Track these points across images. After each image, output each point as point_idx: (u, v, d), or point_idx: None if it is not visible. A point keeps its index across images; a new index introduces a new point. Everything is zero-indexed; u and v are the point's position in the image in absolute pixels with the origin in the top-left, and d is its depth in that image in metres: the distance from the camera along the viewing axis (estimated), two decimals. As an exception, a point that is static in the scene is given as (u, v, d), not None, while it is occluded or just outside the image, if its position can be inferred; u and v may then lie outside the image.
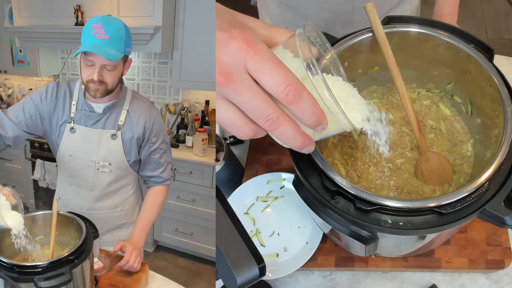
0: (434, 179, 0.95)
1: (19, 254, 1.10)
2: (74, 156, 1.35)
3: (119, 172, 1.37)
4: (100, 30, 1.19)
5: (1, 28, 3.02)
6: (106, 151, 1.33)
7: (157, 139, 1.37)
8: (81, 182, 1.37)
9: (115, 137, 1.32)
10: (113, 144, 1.33)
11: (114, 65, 1.23)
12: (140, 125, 1.33)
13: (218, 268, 0.73)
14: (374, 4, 0.94)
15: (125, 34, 1.25)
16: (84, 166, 1.35)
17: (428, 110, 1.06)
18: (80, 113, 1.32)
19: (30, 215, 1.14)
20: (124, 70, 1.30)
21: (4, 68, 3.20)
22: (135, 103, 1.35)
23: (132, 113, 1.33)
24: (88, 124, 1.32)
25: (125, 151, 1.34)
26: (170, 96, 2.92)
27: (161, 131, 1.38)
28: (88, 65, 1.22)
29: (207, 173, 2.48)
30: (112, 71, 1.24)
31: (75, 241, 1.03)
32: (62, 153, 1.36)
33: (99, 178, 1.36)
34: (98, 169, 1.34)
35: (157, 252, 2.77)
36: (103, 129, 1.32)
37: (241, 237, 0.72)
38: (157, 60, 2.88)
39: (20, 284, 0.92)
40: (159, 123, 1.38)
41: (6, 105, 3.28)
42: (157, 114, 1.39)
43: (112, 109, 1.32)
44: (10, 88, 3.40)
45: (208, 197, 2.51)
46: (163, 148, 1.39)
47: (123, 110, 1.33)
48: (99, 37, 1.19)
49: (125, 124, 1.32)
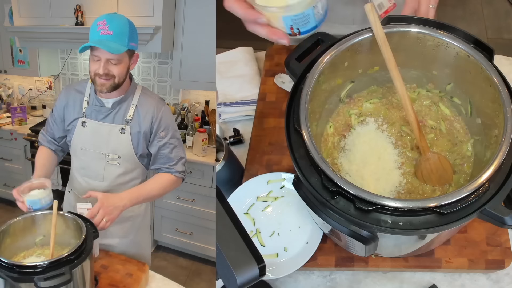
0: (434, 179, 0.95)
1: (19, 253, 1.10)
2: (85, 149, 1.41)
3: (128, 164, 1.41)
4: (104, 26, 1.26)
5: (1, 28, 3.02)
6: (115, 144, 1.38)
7: (166, 133, 1.40)
8: (92, 174, 1.42)
9: (124, 131, 1.37)
10: (122, 138, 1.37)
11: (118, 59, 1.28)
12: (147, 119, 1.37)
13: (218, 268, 0.73)
14: (374, 5, 0.94)
15: (129, 29, 1.30)
16: (95, 159, 1.40)
17: (428, 110, 1.06)
18: (91, 108, 1.39)
19: (30, 215, 1.14)
20: (131, 65, 1.35)
21: (4, 68, 3.20)
22: (143, 99, 1.39)
23: (140, 108, 1.38)
24: (98, 118, 1.38)
25: (133, 145, 1.38)
26: (170, 96, 2.92)
27: (170, 126, 1.41)
28: (94, 60, 1.29)
29: (207, 173, 2.48)
30: (117, 65, 1.29)
31: (75, 241, 1.03)
32: (75, 146, 1.43)
33: (109, 170, 1.40)
34: (108, 161, 1.39)
35: (157, 252, 2.77)
36: (113, 123, 1.38)
37: (241, 237, 0.72)
38: (157, 60, 2.88)
39: (20, 284, 0.92)
40: (167, 118, 1.41)
41: (6, 105, 3.28)
42: (166, 110, 1.41)
43: (121, 104, 1.37)
44: (10, 88, 3.40)
45: (208, 197, 2.51)
46: (173, 143, 1.41)
47: (132, 105, 1.38)
48: (103, 32, 1.26)
49: (133, 119, 1.37)
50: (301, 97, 0.91)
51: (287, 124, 0.92)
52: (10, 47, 3.11)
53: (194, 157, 2.51)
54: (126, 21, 1.30)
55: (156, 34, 2.48)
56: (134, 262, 1.27)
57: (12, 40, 3.06)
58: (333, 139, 1.04)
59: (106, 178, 1.41)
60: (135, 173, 1.44)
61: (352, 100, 1.09)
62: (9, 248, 1.08)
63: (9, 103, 3.30)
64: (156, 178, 1.41)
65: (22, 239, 1.13)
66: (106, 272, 1.22)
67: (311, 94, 0.92)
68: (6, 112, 3.20)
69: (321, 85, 0.97)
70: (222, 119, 1.47)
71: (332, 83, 1.02)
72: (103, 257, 1.27)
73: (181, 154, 1.44)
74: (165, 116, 1.40)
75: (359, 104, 1.09)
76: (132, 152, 1.39)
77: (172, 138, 1.41)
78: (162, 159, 1.41)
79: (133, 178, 1.44)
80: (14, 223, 1.11)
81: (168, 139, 1.40)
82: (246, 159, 1.30)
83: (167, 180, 1.41)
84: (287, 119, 0.92)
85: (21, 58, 3.11)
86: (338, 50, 0.95)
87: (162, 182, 1.41)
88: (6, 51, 3.14)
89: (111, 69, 1.29)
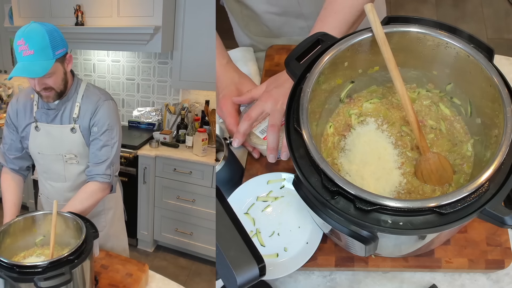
0: (434, 179, 0.95)
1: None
2: (43, 153, 1.41)
3: (86, 161, 1.41)
4: (24, 46, 1.23)
5: (1, 28, 3.02)
6: (69, 144, 1.39)
7: (99, 130, 1.36)
8: (54, 176, 1.44)
9: (75, 131, 1.37)
10: (74, 137, 1.38)
11: (50, 72, 1.26)
12: (87, 115, 1.36)
13: (218, 268, 0.73)
14: (373, 5, 0.94)
15: (49, 40, 1.25)
16: (53, 161, 1.41)
17: (428, 110, 1.06)
18: (40, 112, 1.39)
19: (30, 215, 1.14)
20: (67, 66, 1.33)
21: (4, 68, 3.20)
22: (86, 96, 1.38)
23: (82, 105, 1.37)
24: (48, 121, 1.39)
25: (85, 142, 1.39)
26: (170, 96, 2.92)
27: (105, 123, 1.36)
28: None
29: (207, 173, 2.48)
30: (51, 77, 1.28)
31: (75, 241, 1.03)
32: (32, 151, 1.43)
33: (69, 170, 1.42)
34: (66, 161, 1.41)
35: (157, 252, 2.77)
36: (61, 124, 1.38)
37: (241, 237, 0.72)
38: (157, 60, 2.88)
39: (20, 284, 0.92)
40: (104, 114, 1.36)
41: (6, 105, 3.28)
42: (105, 106, 1.37)
43: (65, 104, 1.37)
44: (10, 88, 3.40)
45: (208, 197, 2.51)
46: (103, 140, 1.36)
47: (77, 103, 1.37)
48: (25, 53, 1.23)
49: (79, 117, 1.37)
50: (301, 97, 0.91)
51: (287, 124, 0.92)
52: (10, 47, 3.11)
53: (194, 157, 2.51)
54: (44, 33, 1.24)
55: (156, 34, 2.48)
56: (134, 262, 1.27)
57: (12, 40, 3.06)
58: (333, 139, 1.04)
59: (68, 178, 1.42)
60: None
61: (352, 100, 1.09)
62: (9, 248, 1.08)
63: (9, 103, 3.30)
64: (79, 194, 1.33)
65: (22, 239, 1.13)
66: (106, 272, 1.22)
67: (311, 94, 0.91)
68: (6, 112, 3.20)
69: (321, 85, 0.97)
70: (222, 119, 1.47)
71: (332, 83, 1.02)
72: (103, 257, 1.27)
73: (110, 155, 1.36)
74: (102, 112, 1.36)
75: (359, 104, 1.09)
76: (87, 148, 1.39)
77: (104, 136, 1.36)
78: (91, 155, 1.37)
79: None
80: (14, 223, 1.11)
81: (100, 135, 1.36)
82: (246, 159, 1.30)
83: (90, 190, 1.33)
84: (287, 119, 0.92)
85: (21, 58, 3.11)
86: (338, 50, 0.95)
87: (83, 198, 1.32)
88: (6, 51, 3.14)
89: (47, 82, 1.28)
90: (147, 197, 2.63)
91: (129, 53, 2.91)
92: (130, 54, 2.93)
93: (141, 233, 2.73)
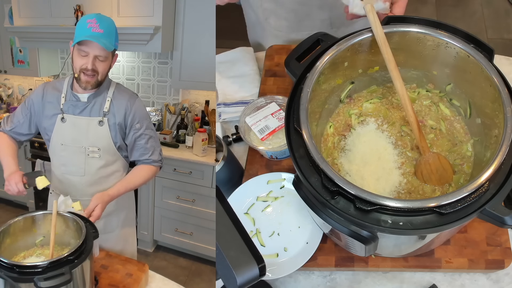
0: (434, 179, 0.95)
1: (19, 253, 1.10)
2: (65, 145, 1.43)
3: (108, 156, 1.44)
4: (95, 24, 1.31)
5: (1, 28, 3.02)
6: (94, 136, 1.41)
7: (141, 125, 1.45)
8: (72, 169, 1.44)
9: (102, 124, 1.41)
10: (101, 130, 1.41)
11: (105, 56, 1.34)
12: (121, 111, 1.41)
13: (218, 268, 0.73)
14: (373, 5, 0.94)
15: (115, 30, 1.37)
16: (75, 153, 1.43)
17: (428, 110, 1.06)
18: (68, 104, 1.42)
19: (30, 215, 1.14)
20: (111, 63, 1.41)
21: (4, 68, 3.20)
22: (117, 93, 1.44)
23: (114, 101, 1.42)
24: (75, 113, 1.41)
25: (112, 136, 1.42)
26: (170, 96, 2.92)
27: (144, 118, 1.46)
28: (82, 55, 1.33)
29: (207, 173, 2.48)
30: (103, 62, 1.35)
31: (75, 241, 1.03)
32: (54, 142, 1.45)
33: (90, 163, 1.43)
34: (88, 154, 1.42)
35: (157, 252, 2.77)
36: (90, 117, 1.41)
37: (241, 237, 0.72)
38: (157, 60, 2.88)
39: (20, 284, 0.92)
40: (141, 111, 1.46)
41: (6, 105, 3.28)
42: (139, 103, 1.46)
43: (96, 98, 1.41)
44: (10, 88, 3.40)
45: (208, 197, 2.51)
46: (148, 134, 1.46)
47: (108, 98, 1.42)
48: (94, 30, 1.30)
49: (109, 111, 1.41)
50: (301, 97, 0.91)
51: (287, 124, 0.92)
52: (10, 47, 3.11)
53: (194, 157, 2.51)
54: (113, 23, 1.37)
55: (156, 34, 2.48)
56: (134, 262, 1.27)
57: (12, 40, 3.06)
58: (333, 139, 1.05)
59: (87, 172, 1.44)
60: (116, 165, 1.47)
61: (352, 100, 1.09)
62: (9, 248, 1.08)
63: (9, 103, 3.30)
64: (136, 170, 1.46)
65: (22, 239, 1.13)
66: (106, 272, 1.22)
67: (311, 94, 0.92)
68: (6, 112, 3.20)
69: (321, 85, 0.97)
70: (222, 119, 1.47)
71: (332, 83, 1.02)
72: (103, 257, 1.27)
73: (155, 144, 1.49)
74: (138, 109, 1.45)
75: (359, 104, 1.09)
76: (111, 143, 1.43)
77: (147, 129, 1.46)
78: (139, 150, 1.46)
79: (114, 171, 1.47)
80: (14, 223, 1.11)
81: (144, 130, 1.45)
82: (246, 159, 1.30)
83: (146, 170, 1.47)
84: (287, 119, 0.92)
85: (21, 58, 3.11)
86: (338, 50, 0.95)
87: (141, 173, 1.46)
88: (6, 51, 3.14)
89: (98, 65, 1.34)
90: (147, 197, 2.63)
91: (129, 53, 2.91)
92: (130, 54, 2.93)
93: (141, 233, 2.73)
